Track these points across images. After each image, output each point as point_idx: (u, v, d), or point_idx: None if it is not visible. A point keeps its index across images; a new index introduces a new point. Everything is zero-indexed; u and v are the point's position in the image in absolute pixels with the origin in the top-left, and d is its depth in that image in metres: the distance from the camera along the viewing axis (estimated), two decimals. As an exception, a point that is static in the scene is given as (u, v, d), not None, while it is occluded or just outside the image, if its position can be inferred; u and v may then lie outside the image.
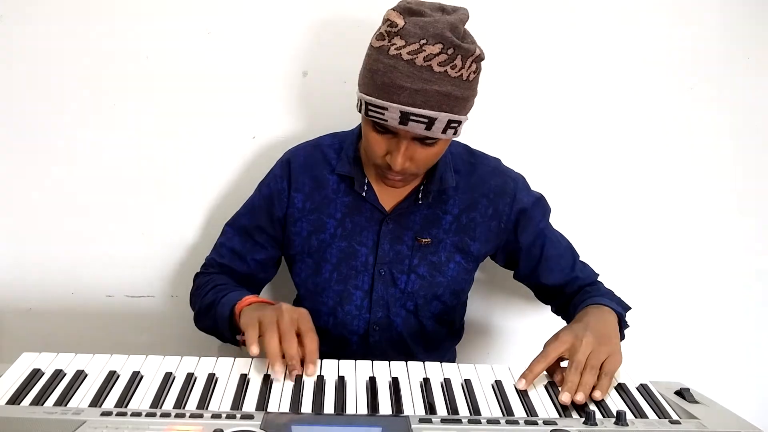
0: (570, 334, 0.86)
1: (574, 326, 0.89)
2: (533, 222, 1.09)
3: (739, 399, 1.11)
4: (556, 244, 1.11)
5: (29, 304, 1.35)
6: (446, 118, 0.86)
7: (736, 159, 1.34)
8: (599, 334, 0.87)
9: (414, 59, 0.82)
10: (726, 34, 1.26)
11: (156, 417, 0.70)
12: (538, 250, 1.10)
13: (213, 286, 1.04)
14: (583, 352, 0.83)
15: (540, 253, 1.10)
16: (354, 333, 1.09)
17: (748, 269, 1.41)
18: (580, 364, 0.82)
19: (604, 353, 0.84)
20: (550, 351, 0.85)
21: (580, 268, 1.12)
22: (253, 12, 1.20)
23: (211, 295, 1.02)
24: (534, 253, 1.10)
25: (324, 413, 0.74)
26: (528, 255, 1.11)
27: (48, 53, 1.20)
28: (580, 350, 0.83)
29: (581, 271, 1.12)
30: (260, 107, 1.26)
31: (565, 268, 1.11)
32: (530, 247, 1.10)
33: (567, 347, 0.85)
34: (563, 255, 1.11)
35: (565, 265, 1.11)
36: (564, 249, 1.12)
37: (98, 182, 1.28)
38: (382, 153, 0.93)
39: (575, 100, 1.29)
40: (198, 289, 1.08)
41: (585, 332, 0.86)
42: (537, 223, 1.10)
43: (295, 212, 1.07)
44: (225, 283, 1.05)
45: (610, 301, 1.00)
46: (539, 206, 1.11)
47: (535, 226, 1.10)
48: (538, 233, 1.10)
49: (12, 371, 0.80)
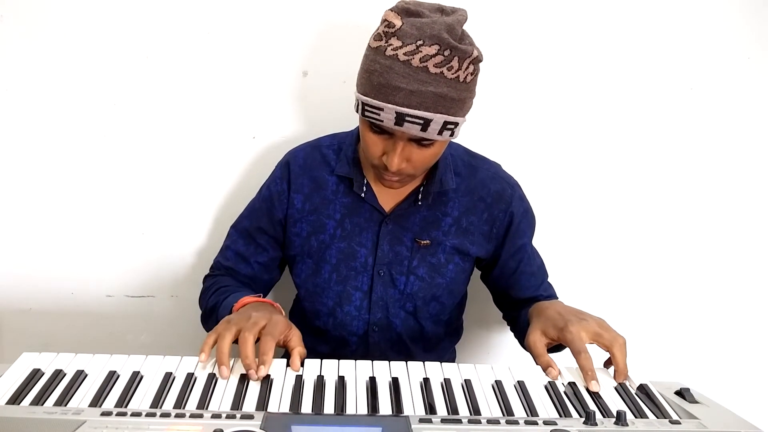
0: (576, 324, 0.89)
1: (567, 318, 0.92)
2: (519, 235, 1.10)
3: (739, 399, 1.10)
4: (531, 262, 1.13)
5: (29, 304, 1.36)
6: (442, 120, 0.86)
7: (736, 159, 1.34)
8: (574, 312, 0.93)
9: (410, 60, 0.82)
10: (726, 34, 1.26)
11: (156, 417, 0.70)
12: (515, 263, 1.11)
13: (217, 288, 1.06)
14: (580, 337, 0.87)
15: (516, 267, 1.11)
16: (353, 334, 1.09)
17: (748, 269, 1.41)
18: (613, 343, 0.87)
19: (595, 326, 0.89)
20: (581, 347, 0.87)
21: (545, 287, 1.14)
22: (253, 12, 1.20)
23: (214, 298, 1.04)
24: (510, 266, 1.11)
25: (324, 413, 0.74)
26: (504, 265, 1.12)
27: (48, 53, 1.20)
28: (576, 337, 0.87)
29: (545, 290, 1.14)
30: (260, 107, 1.26)
31: (533, 285, 1.12)
32: (508, 259, 1.11)
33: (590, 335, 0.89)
34: (535, 274, 1.13)
35: (534, 284, 1.13)
36: (537, 268, 1.14)
37: (98, 182, 1.28)
38: (379, 153, 0.93)
39: (575, 101, 1.29)
40: (205, 292, 1.11)
41: (582, 317, 0.91)
42: (521, 236, 1.11)
43: (295, 213, 1.08)
44: (228, 284, 1.06)
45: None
46: (528, 220, 1.12)
47: (519, 239, 1.10)
48: (519, 247, 1.11)
49: (12, 371, 0.80)
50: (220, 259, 1.14)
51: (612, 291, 1.39)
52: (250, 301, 0.94)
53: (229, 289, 1.04)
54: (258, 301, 0.95)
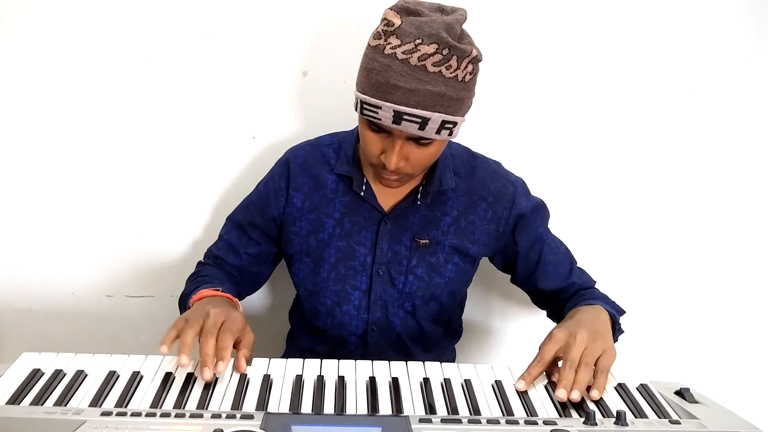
0: (563, 331, 0.86)
1: (567, 324, 0.90)
2: (532, 227, 1.09)
3: (739, 399, 1.10)
4: (554, 250, 1.12)
5: (29, 304, 1.36)
6: (440, 119, 0.86)
7: (736, 159, 1.34)
8: (592, 330, 0.87)
9: (408, 59, 0.82)
10: (725, 33, 1.26)
11: (156, 417, 0.70)
12: (536, 255, 1.10)
13: (196, 277, 1.06)
14: (577, 348, 0.83)
15: (538, 259, 1.10)
16: (352, 333, 1.09)
17: (748, 269, 1.41)
18: (575, 361, 0.82)
19: (598, 349, 0.84)
20: (546, 353, 0.85)
21: (577, 274, 1.13)
22: (253, 12, 1.20)
23: (188, 286, 1.05)
24: (532, 258, 1.10)
25: (324, 413, 0.74)
26: (525, 260, 1.11)
27: (48, 53, 1.20)
28: (574, 347, 0.83)
29: (578, 277, 1.12)
30: (260, 107, 1.26)
31: (562, 273, 1.11)
32: (528, 252, 1.10)
33: (561, 345, 0.85)
34: (561, 261, 1.12)
35: (563, 271, 1.11)
36: (562, 255, 1.13)
37: (98, 182, 1.28)
38: (377, 152, 0.93)
39: (575, 101, 1.28)
40: (189, 278, 1.10)
41: (578, 329, 0.86)
42: (536, 228, 1.10)
43: (294, 211, 1.08)
44: (207, 275, 1.06)
45: (603, 303, 1.00)
46: (538, 211, 1.11)
47: (533, 231, 1.10)
48: (536, 238, 1.10)
49: (12, 371, 0.80)
50: (212, 247, 1.15)
51: (612, 291, 1.39)
52: (208, 295, 0.93)
53: (205, 279, 1.03)
54: (216, 295, 0.94)
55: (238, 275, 1.13)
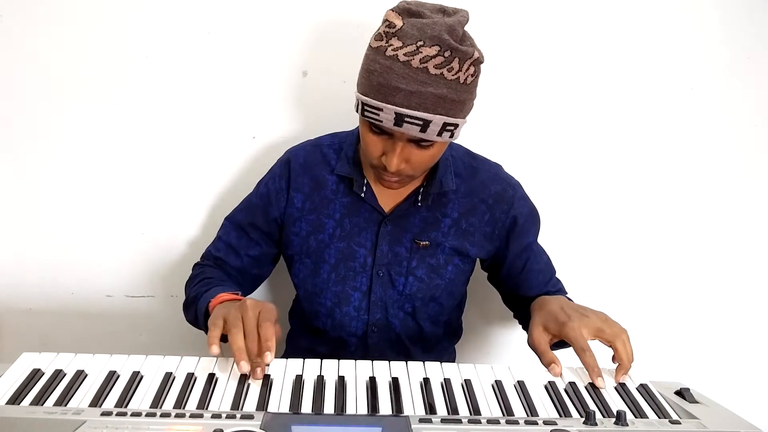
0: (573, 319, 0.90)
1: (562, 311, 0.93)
2: (524, 234, 1.10)
3: (739, 399, 1.10)
4: (538, 259, 1.13)
5: (29, 304, 1.36)
6: (441, 121, 0.85)
7: (736, 159, 1.34)
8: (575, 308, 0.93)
9: (410, 61, 0.82)
10: (726, 34, 1.26)
11: (156, 417, 0.70)
12: (522, 262, 1.11)
13: (200, 279, 1.05)
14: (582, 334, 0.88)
15: (523, 266, 1.11)
16: (352, 334, 1.09)
17: (748, 269, 1.41)
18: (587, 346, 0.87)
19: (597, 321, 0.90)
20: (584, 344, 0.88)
21: (553, 284, 1.14)
22: (253, 12, 1.20)
23: (196, 289, 1.03)
24: (517, 265, 1.11)
25: (324, 413, 0.74)
26: (511, 265, 1.12)
27: (48, 53, 1.20)
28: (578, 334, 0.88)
29: (554, 286, 1.14)
30: (260, 107, 1.26)
31: (542, 283, 1.12)
32: (515, 258, 1.11)
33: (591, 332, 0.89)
34: (542, 270, 1.13)
35: (543, 280, 1.13)
36: (544, 264, 1.14)
37: (98, 182, 1.28)
38: (378, 154, 0.93)
39: (576, 101, 1.29)
40: (190, 280, 1.10)
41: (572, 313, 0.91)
42: (528, 236, 1.11)
43: (294, 212, 1.07)
44: (212, 276, 1.06)
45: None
46: (533, 219, 1.12)
47: (525, 238, 1.10)
48: (525, 246, 1.11)
49: (12, 371, 0.80)
50: (211, 249, 1.14)
51: (612, 291, 1.39)
52: (228, 299, 0.93)
53: (212, 281, 1.03)
54: (234, 299, 0.93)
55: (239, 276, 1.13)
